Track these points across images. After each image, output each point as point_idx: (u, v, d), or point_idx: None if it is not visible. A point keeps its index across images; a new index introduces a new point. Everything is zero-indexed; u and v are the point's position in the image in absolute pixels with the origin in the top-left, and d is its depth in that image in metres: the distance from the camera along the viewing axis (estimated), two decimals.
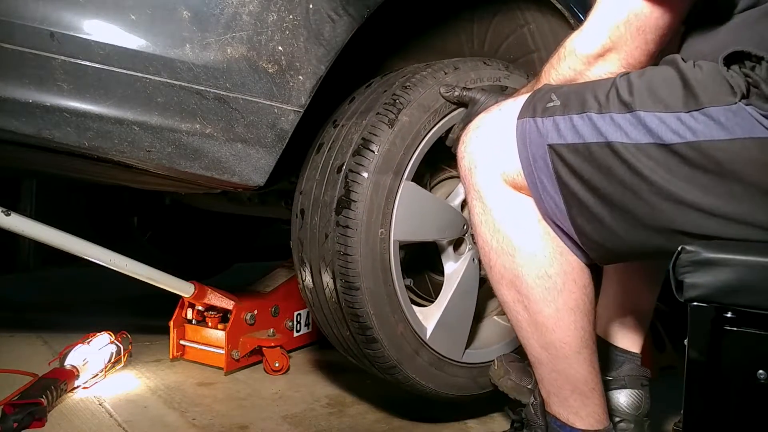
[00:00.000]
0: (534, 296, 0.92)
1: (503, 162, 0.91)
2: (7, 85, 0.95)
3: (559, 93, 0.89)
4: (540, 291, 0.91)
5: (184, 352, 1.74)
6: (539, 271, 0.91)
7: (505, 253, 0.93)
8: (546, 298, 0.91)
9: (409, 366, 1.23)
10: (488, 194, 0.93)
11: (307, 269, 1.25)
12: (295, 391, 1.54)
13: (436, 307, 1.30)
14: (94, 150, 1.02)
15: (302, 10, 1.09)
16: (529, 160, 0.89)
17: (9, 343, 1.83)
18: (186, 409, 1.39)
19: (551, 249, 0.91)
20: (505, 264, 0.93)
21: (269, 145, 1.11)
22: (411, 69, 1.30)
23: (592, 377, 0.96)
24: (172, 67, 1.01)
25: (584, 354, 0.94)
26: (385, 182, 1.17)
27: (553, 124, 0.87)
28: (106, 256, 1.43)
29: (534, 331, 0.95)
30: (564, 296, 0.91)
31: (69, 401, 1.41)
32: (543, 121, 0.88)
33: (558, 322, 0.92)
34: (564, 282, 0.91)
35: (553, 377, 0.96)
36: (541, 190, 0.89)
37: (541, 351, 0.96)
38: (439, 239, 1.30)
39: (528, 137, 0.89)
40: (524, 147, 0.89)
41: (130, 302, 2.46)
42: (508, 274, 0.93)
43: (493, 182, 0.92)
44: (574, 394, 0.96)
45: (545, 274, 0.91)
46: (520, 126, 0.90)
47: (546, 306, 0.92)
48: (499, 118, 0.94)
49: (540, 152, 0.88)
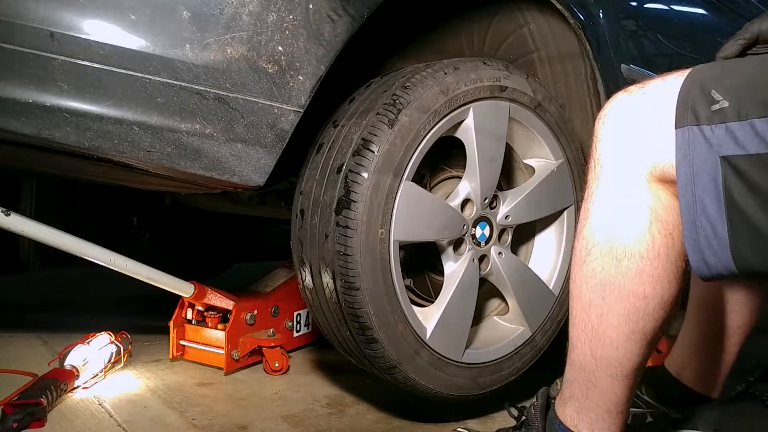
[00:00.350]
0: (618, 310, 0.84)
1: (651, 157, 0.80)
2: (7, 85, 0.95)
3: (723, 89, 0.75)
4: (627, 307, 0.83)
5: (184, 352, 1.74)
6: (639, 288, 0.82)
7: (611, 254, 0.83)
8: (630, 317, 0.83)
9: (408, 366, 1.23)
10: (619, 187, 0.83)
11: (307, 269, 1.25)
12: (294, 391, 1.54)
13: (436, 307, 1.30)
14: (94, 150, 1.02)
15: (302, 10, 1.09)
16: (690, 176, 0.76)
17: (9, 343, 1.83)
18: (186, 409, 1.39)
19: (663, 270, 0.82)
20: (605, 265, 0.84)
21: (269, 145, 1.11)
22: (411, 69, 1.30)
23: (625, 401, 0.90)
24: (172, 67, 1.01)
25: (631, 379, 0.88)
26: (385, 182, 1.17)
27: (727, 133, 0.73)
28: (106, 256, 1.43)
29: (594, 340, 0.87)
30: (647, 321, 0.84)
31: (69, 401, 1.41)
32: (712, 129, 0.74)
33: (627, 344, 0.85)
34: (655, 308, 0.83)
35: (588, 386, 0.90)
36: (698, 212, 0.76)
37: (590, 359, 0.88)
38: (439, 239, 1.30)
39: (691, 149, 0.76)
40: (685, 161, 0.76)
41: (130, 302, 2.46)
42: (603, 276, 0.84)
43: (631, 176, 0.82)
44: (600, 409, 0.91)
45: (642, 294, 0.82)
46: (681, 136, 0.77)
47: (625, 325, 0.84)
48: (646, 103, 0.83)
49: (707, 167, 0.74)
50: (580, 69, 1.52)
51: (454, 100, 1.25)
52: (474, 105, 1.29)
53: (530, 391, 1.57)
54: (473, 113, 1.29)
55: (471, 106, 1.28)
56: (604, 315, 0.85)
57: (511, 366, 1.41)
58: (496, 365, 1.38)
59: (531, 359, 1.45)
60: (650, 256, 0.81)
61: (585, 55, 1.48)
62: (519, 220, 1.41)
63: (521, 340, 1.43)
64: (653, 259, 0.81)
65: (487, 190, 1.33)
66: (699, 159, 0.75)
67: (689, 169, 0.76)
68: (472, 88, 1.28)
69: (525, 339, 1.43)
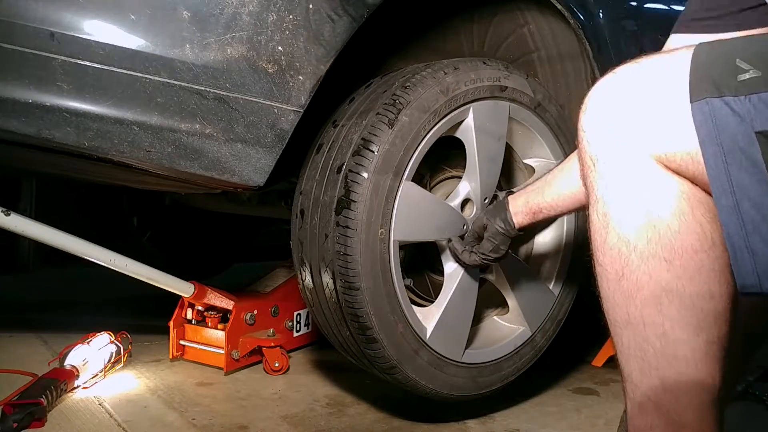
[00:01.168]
0: (686, 320, 0.69)
1: (658, 142, 0.69)
2: (7, 85, 0.95)
3: (752, 57, 0.65)
4: (695, 314, 0.69)
5: (184, 352, 1.74)
6: (703, 287, 0.68)
7: (656, 256, 0.69)
8: (700, 324, 0.69)
9: (408, 366, 1.23)
10: (637, 176, 0.70)
11: (307, 269, 1.25)
12: (294, 391, 1.54)
13: (436, 307, 1.30)
14: (94, 150, 1.02)
15: (302, 10, 1.09)
16: (720, 156, 0.65)
17: (9, 343, 1.83)
18: (186, 409, 1.39)
19: (724, 260, 0.68)
20: (652, 271, 0.69)
21: (269, 145, 1.11)
22: (411, 69, 1.30)
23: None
24: (172, 67, 1.01)
25: (717, 408, 0.71)
26: (384, 182, 1.17)
27: (761, 103, 0.63)
28: (106, 256, 1.43)
29: (663, 366, 0.71)
30: (722, 325, 0.70)
31: (69, 401, 1.41)
32: (741, 101, 0.64)
33: (706, 358, 0.69)
34: (725, 307, 0.69)
35: (673, 429, 0.72)
36: (737, 198, 0.64)
37: (662, 393, 0.71)
38: (439, 239, 1.30)
39: (716, 124, 0.65)
40: (710, 138, 0.65)
41: (130, 302, 2.46)
42: (654, 285, 0.70)
43: (645, 161, 0.70)
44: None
45: (708, 293, 0.68)
46: (698, 110, 0.66)
47: (698, 336, 0.69)
48: (643, 81, 0.71)
49: (740, 142, 0.64)
50: (580, 69, 1.52)
51: (454, 100, 1.25)
52: (474, 105, 1.29)
53: (530, 391, 1.57)
54: (473, 113, 1.29)
55: (471, 106, 1.28)
56: (668, 332, 0.70)
57: (511, 366, 1.41)
58: (496, 365, 1.39)
59: (531, 359, 1.45)
60: (705, 246, 0.68)
61: (585, 55, 1.48)
62: None
63: (521, 339, 1.43)
64: (709, 249, 0.68)
65: (487, 190, 1.33)
66: (728, 134, 0.64)
67: (718, 148, 0.65)
68: (472, 88, 1.28)
69: (525, 339, 1.43)
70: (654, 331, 0.70)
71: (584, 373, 1.78)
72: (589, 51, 1.46)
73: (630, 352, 0.73)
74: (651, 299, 0.70)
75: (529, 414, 1.45)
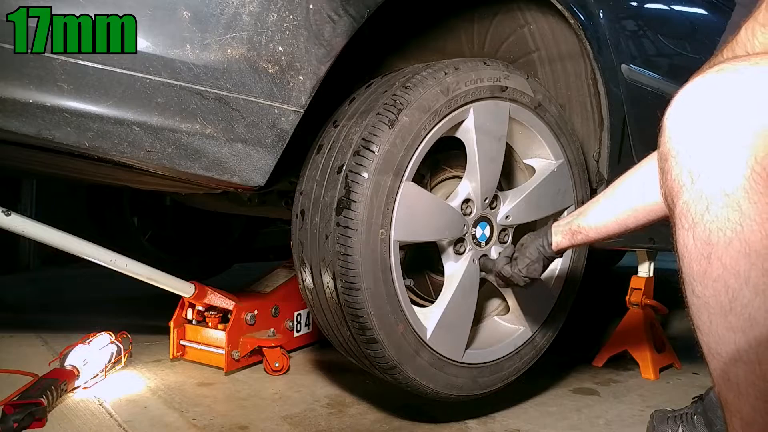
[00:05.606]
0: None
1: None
2: (7, 85, 0.95)
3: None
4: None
5: (185, 353, 1.74)
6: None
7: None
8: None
9: (409, 366, 1.23)
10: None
11: (308, 270, 1.25)
12: (295, 391, 1.54)
13: (437, 307, 1.30)
14: (94, 150, 1.02)
15: (302, 10, 1.09)
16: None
17: (9, 343, 1.83)
18: (186, 409, 1.39)
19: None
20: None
21: (269, 145, 1.11)
22: (411, 69, 1.30)
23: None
24: (173, 67, 1.01)
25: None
26: (385, 183, 1.17)
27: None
28: (106, 256, 1.43)
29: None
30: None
31: (69, 401, 1.41)
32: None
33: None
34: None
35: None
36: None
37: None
38: (439, 239, 1.30)
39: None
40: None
41: (130, 302, 2.47)
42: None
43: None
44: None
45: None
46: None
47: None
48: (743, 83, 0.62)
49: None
50: (580, 69, 1.52)
51: (455, 100, 1.25)
52: (474, 105, 1.29)
53: (530, 391, 1.57)
54: (473, 113, 1.29)
55: (471, 106, 1.28)
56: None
57: (511, 366, 1.41)
58: (497, 365, 1.39)
59: (531, 359, 1.45)
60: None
61: (585, 55, 1.48)
62: (519, 220, 1.41)
63: (521, 340, 1.43)
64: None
65: (487, 190, 1.33)
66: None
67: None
68: (473, 88, 1.28)
69: (525, 339, 1.43)
70: (760, 373, 0.63)
71: (584, 373, 1.79)
72: (589, 51, 1.46)
73: (742, 389, 0.65)
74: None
75: (530, 414, 1.45)
